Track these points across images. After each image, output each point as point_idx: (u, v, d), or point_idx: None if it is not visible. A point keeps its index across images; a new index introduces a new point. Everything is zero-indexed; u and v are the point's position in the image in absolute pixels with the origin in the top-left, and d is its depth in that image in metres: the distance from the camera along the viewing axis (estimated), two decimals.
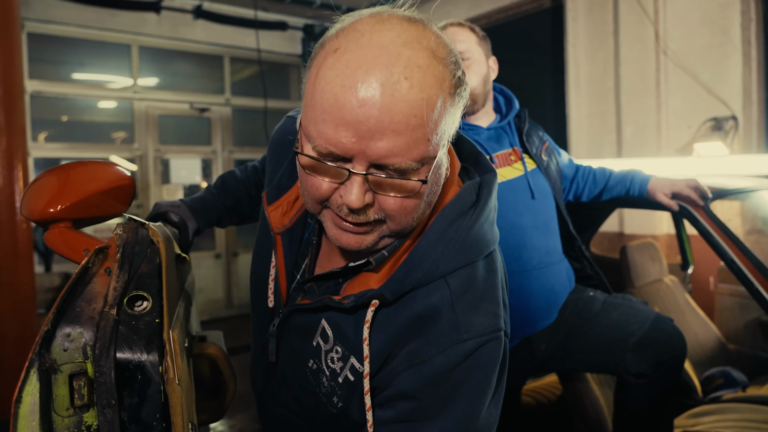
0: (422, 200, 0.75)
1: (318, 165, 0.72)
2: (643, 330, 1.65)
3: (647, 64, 3.91)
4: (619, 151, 4.09)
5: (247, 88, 5.86)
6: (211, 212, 1.23)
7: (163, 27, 5.32)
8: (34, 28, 4.80)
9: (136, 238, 0.71)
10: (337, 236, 0.76)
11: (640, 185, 1.85)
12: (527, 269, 1.59)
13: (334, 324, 0.82)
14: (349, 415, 0.82)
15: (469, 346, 0.75)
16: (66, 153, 5.05)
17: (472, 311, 0.77)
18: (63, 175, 0.81)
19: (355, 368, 0.80)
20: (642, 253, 2.66)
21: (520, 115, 1.78)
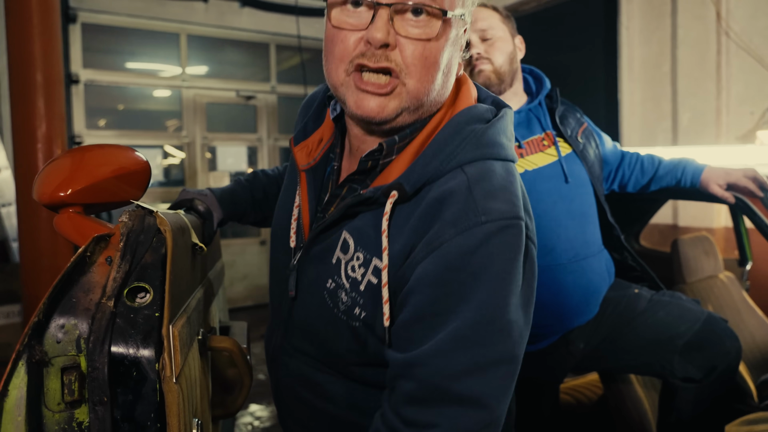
0: (441, 57, 0.80)
1: (345, 11, 0.78)
2: (693, 331, 1.54)
3: (707, 46, 3.69)
4: (674, 138, 3.89)
5: (293, 76, 5.87)
6: (239, 204, 1.21)
7: (211, 15, 5.38)
8: (87, 19, 4.94)
9: (142, 227, 0.69)
10: (359, 102, 0.79)
11: (693, 175, 1.72)
12: (562, 262, 1.50)
13: (355, 230, 0.83)
14: (371, 327, 0.81)
15: (487, 229, 0.74)
16: (119, 140, 5.20)
17: (490, 197, 0.76)
18: (77, 159, 0.79)
19: (377, 269, 0.80)
20: (695, 247, 2.51)
21: (552, 95, 1.69)
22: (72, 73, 4.86)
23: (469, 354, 0.73)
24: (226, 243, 5.72)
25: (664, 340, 1.55)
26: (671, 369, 1.55)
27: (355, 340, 0.84)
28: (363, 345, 0.83)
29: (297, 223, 0.95)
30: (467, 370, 0.73)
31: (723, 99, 3.68)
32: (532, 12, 4.82)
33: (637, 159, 1.83)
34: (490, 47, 1.60)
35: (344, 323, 0.84)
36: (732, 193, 1.66)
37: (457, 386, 0.73)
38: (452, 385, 0.73)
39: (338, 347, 0.86)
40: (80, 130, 4.95)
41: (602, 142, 1.75)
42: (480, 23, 1.61)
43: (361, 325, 0.82)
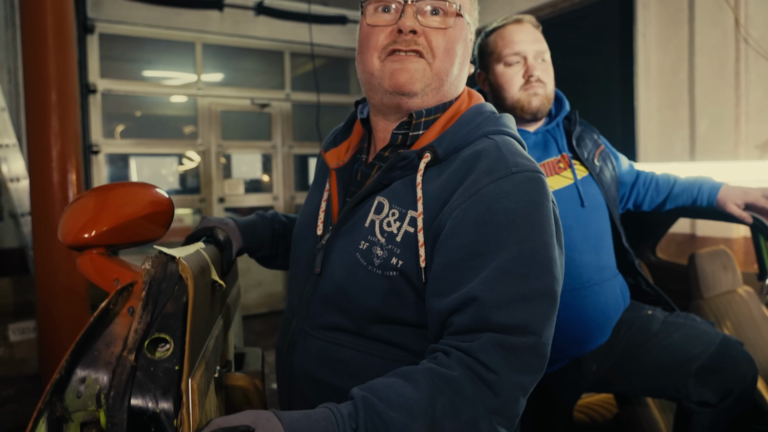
0: (457, 46, 0.98)
1: (377, 14, 0.97)
2: (708, 354, 1.52)
3: (725, 53, 3.64)
4: (692, 147, 3.85)
5: (308, 83, 5.90)
6: (258, 235, 1.23)
7: (226, 24, 5.42)
8: (104, 29, 5.00)
9: (165, 274, 0.70)
10: (394, 74, 0.94)
11: (709, 194, 1.71)
12: (576, 287, 1.49)
13: (389, 193, 0.95)
14: (407, 275, 0.89)
15: (518, 178, 0.86)
16: (136, 149, 5.26)
17: (516, 155, 0.90)
18: (100, 199, 0.80)
19: (413, 218, 0.90)
20: (713, 261, 2.47)
21: (570, 117, 1.68)
22: (89, 83, 4.93)
23: (515, 286, 0.81)
24: None
25: (678, 363, 1.54)
26: (686, 393, 1.54)
27: (389, 291, 0.91)
28: (397, 295, 0.91)
29: (325, 214, 1.06)
30: (514, 301, 0.81)
31: (742, 107, 3.63)
32: (547, 17, 4.80)
33: (652, 178, 1.82)
34: (544, 71, 1.60)
35: (379, 277, 0.91)
36: (750, 213, 1.64)
37: (506, 316, 0.80)
38: (501, 315, 0.80)
39: (370, 303, 0.92)
40: (97, 139, 5.01)
41: (618, 164, 1.74)
42: (537, 44, 1.60)
43: (398, 274, 0.90)
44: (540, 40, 1.60)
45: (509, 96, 1.59)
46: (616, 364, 1.59)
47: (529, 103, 1.57)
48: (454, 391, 0.77)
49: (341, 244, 0.99)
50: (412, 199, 0.91)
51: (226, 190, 5.60)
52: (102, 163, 5.06)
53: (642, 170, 1.84)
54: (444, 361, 0.80)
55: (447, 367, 0.79)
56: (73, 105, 2.80)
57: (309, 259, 1.05)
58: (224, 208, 5.62)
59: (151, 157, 5.35)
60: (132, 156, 5.27)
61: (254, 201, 5.84)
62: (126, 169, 5.27)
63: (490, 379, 0.78)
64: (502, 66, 1.60)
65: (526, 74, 1.57)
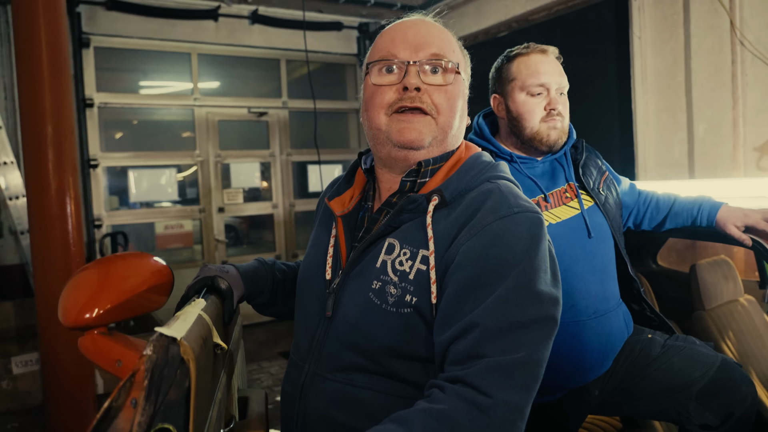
0: (458, 101, 1.05)
1: (382, 74, 1.03)
2: (708, 377, 1.53)
3: (722, 56, 3.64)
4: (690, 150, 3.84)
5: (304, 90, 5.89)
6: (259, 282, 1.22)
7: (221, 34, 5.41)
8: (100, 43, 4.99)
9: (166, 359, 0.70)
10: (402, 131, 1.01)
11: (709, 214, 1.71)
12: (582, 319, 1.49)
13: (399, 234, 1.00)
14: (420, 311, 0.94)
15: (519, 218, 0.93)
16: (134, 161, 5.26)
17: (517, 197, 0.98)
18: (101, 273, 0.80)
19: (425, 257, 0.95)
20: (714, 272, 2.48)
21: (577, 146, 1.68)
22: (86, 97, 4.92)
23: (513, 314, 0.86)
24: (243, 259, 5.76)
25: (679, 387, 1.54)
26: (687, 416, 1.54)
27: (403, 328, 0.95)
28: (411, 331, 0.94)
29: (333, 259, 1.09)
30: (511, 328, 0.85)
31: (739, 109, 3.63)
32: (542, 20, 4.79)
33: (652, 197, 1.82)
34: (563, 105, 1.60)
35: (393, 315, 0.95)
36: (749, 236, 1.64)
37: (503, 341, 0.85)
38: (499, 341, 0.85)
39: (385, 340, 0.96)
40: (95, 152, 5.01)
41: (620, 187, 1.75)
42: (560, 78, 1.60)
43: (412, 311, 0.94)
44: (562, 74, 1.60)
45: (529, 126, 1.58)
46: (618, 389, 1.60)
47: (548, 136, 1.56)
48: (449, 426, 0.79)
49: (353, 286, 1.02)
50: (423, 238, 0.97)
51: (225, 199, 5.60)
52: (101, 177, 5.06)
53: (643, 189, 1.84)
54: (437, 396, 0.83)
55: (440, 403, 0.81)
56: (69, 120, 2.77)
57: (319, 304, 1.08)
58: (224, 218, 5.62)
59: (150, 169, 5.34)
60: (130, 168, 5.26)
61: (254, 210, 5.84)
62: (125, 182, 5.26)
63: (482, 404, 0.80)
64: (524, 95, 1.59)
65: (548, 107, 1.56)
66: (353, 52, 6.11)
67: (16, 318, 3.27)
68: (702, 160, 3.78)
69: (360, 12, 5.75)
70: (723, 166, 3.69)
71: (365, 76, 1.08)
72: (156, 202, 5.38)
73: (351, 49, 6.10)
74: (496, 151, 1.63)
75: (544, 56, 1.60)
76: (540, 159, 1.63)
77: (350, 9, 5.64)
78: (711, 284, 2.44)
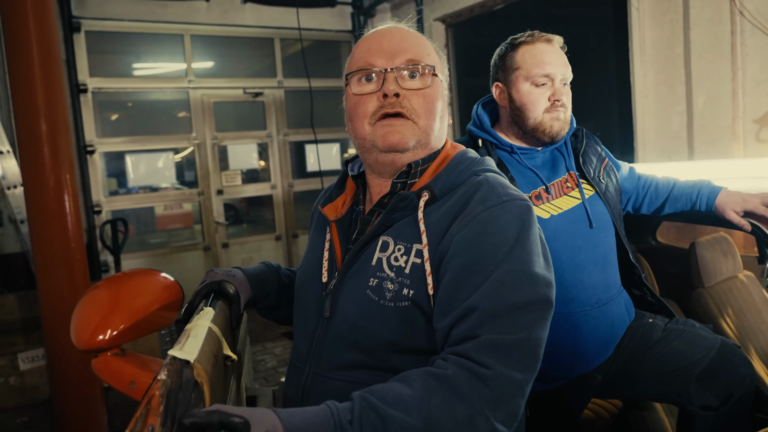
0: (437, 103, 1.07)
1: (362, 84, 1.07)
2: (708, 359, 1.55)
3: (721, 26, 3.59)
4: (689, 122, 3.82)
5: (299, 69, 5.83)
6: (265, 285, 1.24)
7: (213, 14, 5.33)
8: (91, 27, 4.92)
9: (180, 383, 0.70)
10: (386, 136, 1.04)
11: (708, 199, 1.71)
12: (585, 309, 1.51)
13: (392, 232, 1.03)
14: (418, 303, 0.96)
15: (508, 206, 0.97)
16: (131, 146, 5.23)
17: (505, 186, 1.01)
18: (112, 293, 0.80)
19: (419, 251, 0.98)
20: (713, 249, 2.48)
21: (577, 134, 1.67)
22: (79, 82, 4.87)
23: (509, 296, 0.89)
24: (243, 240, 5.77)
25: (680, 369, 1.57)
26: (688, 397, 1.57)
27: (402, 321, 0.97)
28: (410, 324, 0.97)
29: (329, 262, 1.13)
30: (508, 310, 0.88)
31: (738, 81, 3.59)
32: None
33: (651, 181, 1.82)
34: (566, 95, 1.58)
35: (392, 309, 0.98)
36: (748, 220, 1.64)
37: (501, 323, 0.87)
38: (497, 322, 0.87)
39: (385, 335, 0.98)
40: (91, 138, 4.98)
41: (620, 172, 1.74)
42: (564, 68, 1.57)
43: (410, 304, 0.97)
44: (567, 65, 1.58)
45: (532, 116, 1.57)
46: (620, 373, 1.62)
47: (551, 127, 1.55)
48: (449, 388, 0.81)
49: (350, 286, 1.05)
50: (416, 233, 1.00)
51: (223, 182, 5.59)
52: (98, 163, 5.04)
53: (642, 174, 1.84)
54: (440, 364, 0.86)
55: (443, 369, 0.84)
56: (62, 106, 2.73)
57: (317, 306, 1.10)
58: (223, 199, 5.62)
59: (147, 153, 5.32)
60: (127, 153, 5.24)
61: (252, 191, 5.83)
62: (122, 167, 5.24)
63: (483, 374, 0.83)
64: (528, 84, 1.57)
65: (553, 97, 1.54)
66: (347, 29, 6.03)
67: (20, 310, 3.29)
68: (701, 132, 3.76)
69: None
70: (722, 138, 3.67)
71: (345, 87, 1.11)
72: (154, 187, 5.37)
73: (345, 26, 6.01)
74: (495, 143, 1.62)
75: (549, 45, 1.57)
76: (540, 149, 1.62)
77: None
78: (710, 261, 2.45)
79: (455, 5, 5.29)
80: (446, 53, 5.70)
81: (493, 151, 1.61)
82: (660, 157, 4.02)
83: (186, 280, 5.38)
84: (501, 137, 1.62)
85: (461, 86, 5.74)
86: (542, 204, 1.55)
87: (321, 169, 5.33)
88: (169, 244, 5.51)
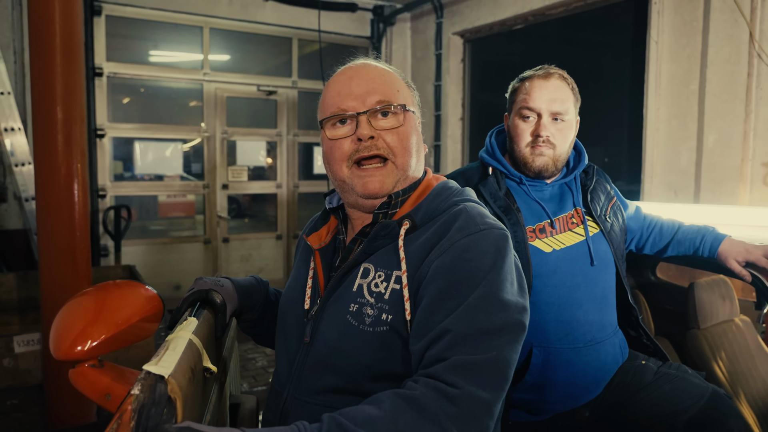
0: (411, 139, 1.11)
1: (336, 128, 1.09)
2: (697, 408, 1.55)
3: (738, 67, 3.60)
4: (698, 160, 3.83)
5: (314, 70, 5.85)
6: (253, 296, 1.25)
7: (234, 9, 5.35)
8: (112, 11, 4.94)
9: (153, 398, 0.71)
10: (366, 185, 1.07)
11: (711, 246, 1.71)
12: (579, 346, 1.51)
13: (373, 259, 1.05)
14: (396, 329, 0.99)
15: (486, 234, 1.00)
16: (141, 133, 5.24)
17: (483, 216, 1.05)
18: (98, 303, 0.81)
19: (398, 277, 1.01)
20: (712, 291, 2.49)
21: (588, 171, 1.68)
22: (95, 65, 4.89)
23: (482, 321, 0.91)
24: (243, 237, 5.78)
25: (667, 416, 1.56)
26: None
27: (379, 346, 0.99)
28: (387, 348, 0.99)
29: (312, 289, 1.15)
30: (480, 333, 0.90)
31: (751, 122, 3.60)
32: (560, 17, 4.73)
33: (656, 222, 1.82)
34: (558, 132, 1.57)
35: (370, 334, 1.00)
36: (749, 271, 1.65)
37: (471, 345, 0.89)
38: (467, 344, 0.89)
39: (363, 359, 1.00)
40: (102, 122, 5.00)
41: (627, 212, 1.75)
42: (555, 104, 1.56)
43: (388, 329, 0.99)
44: (561, 100, 1.57)
45: (517, 149, 1.60)
46: (608, 412, 1.62)
47: (533, 162, 1.57)
48: (417, 408, 0.83)
49: (331, 311, 1.07)
50: (396, 260, 1.03)
51: (229, 176, 5.60)
52: (107, 147, 5.06)
53: (648, 214, 1.84)
54: (410, 385, 0.87)
55: (411, 390, 0.86)
56: (80, 94, 2.72)
57: (298, 330, 1.13)
58: (228, 194, 5.63)
59: (156, 141, 5.33)
60: (137, 140, 5.25)
61: (258, 188, 5.85)
62: (131, 153, 5.26)
63: (451, 393, 0.84)
64: (517, 118, 1.60)
65: (534, 133, 1.56)
66: (366, 35, 6.05)
67: (18, 290, 3.31)
68: (709, 171, 3.77)
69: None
70: (730, 178, 3.67)
71: (321, 130, 1.14)
72: (160, 176, 5.39)
73: (364, 32, 6.03)
74: (506, 172, 1.63)
75: (543, 81, 1.58)
76: (549, 182, 1.63)
77: None
78: (708, 303, 2.46)
79: (475, 21, 5.31)
80: (462, 68, 5.72)
81: (502, 180, 1.62)
82: (666, 192, 4.02)
83: (184, 272, 5.38)
84: (511, 167, 1.63)
85: (475, 101, 5.75)
86: (545, 238, 1.56)
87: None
88: (169, 233, 5.52)
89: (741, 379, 2.44)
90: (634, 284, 2.62)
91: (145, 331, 0.83)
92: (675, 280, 3.03)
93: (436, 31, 5.70)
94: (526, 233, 1.52)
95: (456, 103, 5.75)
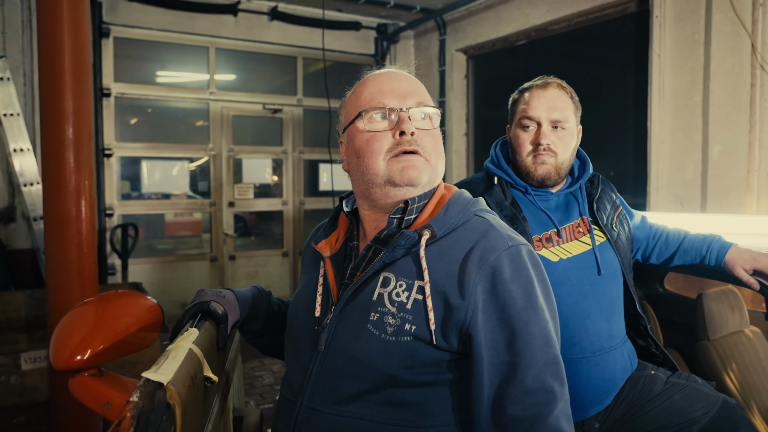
0: (441, 143, 1.14)
1: (375, 121, 1.10)
2: (708, 418, 1.54)
3: (741, 78, 3.61)
4: (704, 171, 3.82)
5: (319, 89, 5.91)
6: (256, 307, 1.25)
7: (240, 29, 5.42)
8: (119, 33, 5.02)
9: (152, 405, 0.71)
10: (403, 169, 1.07)
11: (718, 254, 1.71)
12: (586, 356, 1.50)
13: (393, 269, 1.05)
14: (419, 337, 0.99)
15: (515, 251, 1.02)
16: (148, 152, 5.29)
17: (507, 230, 1.07)
18: (99, 312, 0.81)
19: (420, 287, 1.01)
20: (721, 302, 2.47)
21: (593, 181, 1.68)
22: (103, 86, 4.95)
23: (546, 353, 0.98)
24: (249, 254, 5.80)
25: (678, 426, 1.55)
26: None
27: (403, 355, 0.99)
28: (410, 357, 0.99)
29: (323, 297, 1.14)
30: (546, 365, 0.98)
31: (756, 133, 3.60)
32: (562, 33, 4.76)
33: (663, 231, 1.82)
34: (559, 140, 1.58)
35: (393, 344, 1.00)
36: (757, 279, 1.64)
37: (541, 387, 0.96)
38: (537, 378, 0.96)
39: (386, 368, 1.00)
40: (110, 142, 5.05)
41: (633, 221, 1.75)
42: (554, 113, 1.57)
43: (411, 339, 0.99)
44: (560, 108, 1.57)
45: (519, 159, 1.61)
46: (618, 423, 1.60)
47: (535, 170, 1.57)
48: None
49: (348, 320, 1.06)
50: (418, 270, 1.03)
51: (236, 194, 5.63)
52: (114, 166, 5.10)
53: (654, 224, 1.84)
54: None
55: None
56: (88, 113, 2.75)
57: (311, 339, 1.11)
58: (234, 212, 5.66)
59: (163, 160, 5.38)
60: (144, 159, 5.30)
61: (264, 206, 5.87)
62: (138, 172, 5.30)
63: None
64: (518, 128, 1.61)
65: (534, 141, 1.57)
66: (371, 53, 6.11)
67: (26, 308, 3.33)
68: (715, 182, 3.76)
69: (379, 13, 5.74)
70: (736, 189, 3.66)
71: (349, 125, 1.14)
72: (167, 194, 5.42)
73: (368, 50, 6.09)
74: (511, 182, 1.63)
75: (542, 91, 1.59)
76: (554, 192, 1.63)
77: (369, 9, 5.63)
78: (717, 314, 2.44)
79: (478, 38, 5.36)
80: (466, 84, 5.76)
81: (508, 189, 1.63)
82: (672, 204, 4.01)
83: (191, 290, 5.38)
84: (516, 177, 1.64)
85: (479, 117, 5.78)
86: (552, 247, 1.56)
87: (334, 188, 5.36)
88: (176, 252, 5.54)
89: (753, 391, 2.42)
90: (642, 296, 2.61)
91: (145, 341, 0.83)
92: (683, 291, 3.01)
93: (440, 48, 5.76)
94: (533, 242, 1.53)
95: (460, 119, 5.78)
